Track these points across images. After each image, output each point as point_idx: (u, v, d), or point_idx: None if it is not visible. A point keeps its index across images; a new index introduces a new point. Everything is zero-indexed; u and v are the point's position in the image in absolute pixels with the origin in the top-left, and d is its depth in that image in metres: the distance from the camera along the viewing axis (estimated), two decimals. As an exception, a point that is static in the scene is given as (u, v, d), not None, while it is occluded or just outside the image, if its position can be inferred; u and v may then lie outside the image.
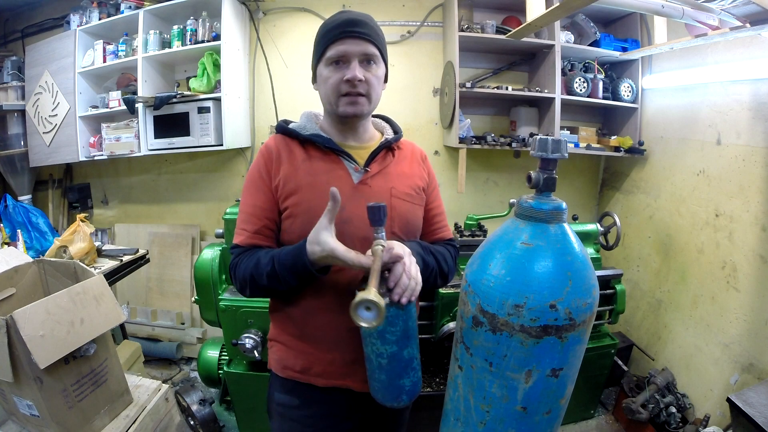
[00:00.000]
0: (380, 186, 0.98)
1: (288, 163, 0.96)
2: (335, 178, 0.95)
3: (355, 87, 0.92)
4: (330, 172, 0.96)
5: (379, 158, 1.01)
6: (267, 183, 0.96)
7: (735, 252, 1.81)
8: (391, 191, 0.99)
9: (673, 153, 2.23)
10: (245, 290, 0.95)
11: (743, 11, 1.37)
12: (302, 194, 0.93)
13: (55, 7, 2.78)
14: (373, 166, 0.99)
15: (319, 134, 0.97)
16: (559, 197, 0.75)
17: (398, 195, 1.00)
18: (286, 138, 1.01)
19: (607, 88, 2.43)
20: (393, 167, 1.03)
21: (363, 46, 0.92)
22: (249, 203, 0.97)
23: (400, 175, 1.03)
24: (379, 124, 1.13)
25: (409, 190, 1.02)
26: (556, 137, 0.72)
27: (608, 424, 2.17)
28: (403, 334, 0.80)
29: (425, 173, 1.10)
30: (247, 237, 0.95)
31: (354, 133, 1.02)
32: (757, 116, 1.73)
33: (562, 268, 0.70)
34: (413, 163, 1.08)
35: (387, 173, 1.01)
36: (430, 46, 2.67)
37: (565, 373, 0.73)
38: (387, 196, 0.98)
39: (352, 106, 0.93)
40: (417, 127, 2.74)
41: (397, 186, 1.00)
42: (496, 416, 0.75)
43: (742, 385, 1.70)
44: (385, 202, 0.93)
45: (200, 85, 2.37)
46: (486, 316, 0.72)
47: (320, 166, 0.96)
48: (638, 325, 2.43)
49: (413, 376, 0.85)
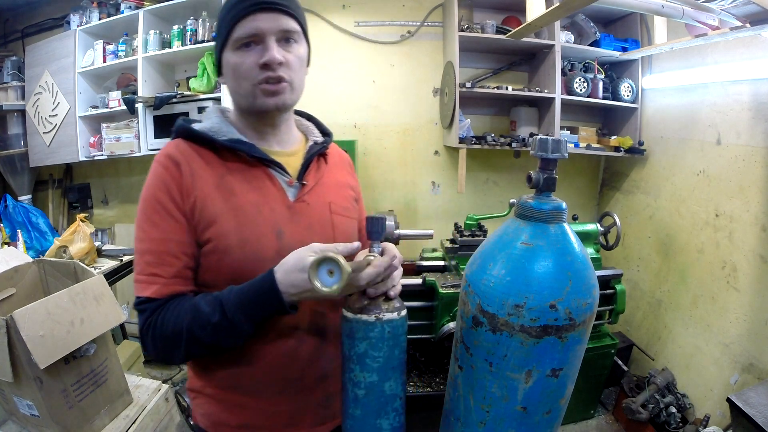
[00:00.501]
0: (319, 202, 0.83)
1: (203, 179, 0.74)
2: (268, 197, 0.77)
3: (275, 72, 0.73)
4: (260, 190, 0.77)
5: (313, 167, 0.85)
6: (178, 207, 0.72)
7: (735, 252, 1.81)
8: (330, 206, 0.84)
9: (673, 153, 2.23)
10: (175, 354, 0.72)
11: (743, 11, 1.37)
12: (228, 222, 0.73)
13: (55, 7, 2.78)
14: (309, 177, 0.83)
15: (241, 140, 0.77)
16: (559, 197, 0.75)
17: (338, 210, 0.85)
18: (193, 145, 0.77)
19: (607, 88, 2.43)
20: (327, 177, 0.87)
21: (280, 21, 0.73)
22: (155, 237, 0.72)
23: (336, 186, 0.89)
24: (302, 124, 0.94)
25: (346, 203, 0.89)
26: (556, 137, 0.72)
27: (608, 424, 2.17)
28: (386, 362, 0.68)
29: (355, 182, 0.97)
30: (164, 285, 0.71)
31: (276, 134, 0.83)
32: (757, 116, 1.73)
33: (562, 268, 0.70)
34: (343, 171, 0.94)
35: (323, 185, 0.85)
36: (430, 46, 2.67)
37: (565, 373, 0.73)
38: (326, 213, 0.83)
39: (273, 96, 0.74)
40: (417, 127, 2.74)
41: (335, 200, 0.86)
42: (496, 416, 0.75)
43: (742, 385, 1.70)
44: (325, 220, 0.82)
45: (200, 85, 2.37)
46: (486, 316, 0.72)
47: (246, 181, 0.77)
48: (638, 325, 2.43)
49: (394, 420, 0.71)
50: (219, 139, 0.76)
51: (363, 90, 2.69)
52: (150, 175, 0.76)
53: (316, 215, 0.81)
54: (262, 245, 0.74)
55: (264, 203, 0.76)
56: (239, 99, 0.78)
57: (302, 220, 0.79)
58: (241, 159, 0.78)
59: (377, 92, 2.69)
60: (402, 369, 0.72)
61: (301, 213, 0.79)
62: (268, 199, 0.77)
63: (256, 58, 0.72)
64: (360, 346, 0.67)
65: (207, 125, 0.79)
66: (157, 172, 0.75)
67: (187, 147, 0.77)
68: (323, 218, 0.82)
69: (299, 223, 0.79)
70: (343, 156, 0.98)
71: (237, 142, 0.77)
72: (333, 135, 0.94)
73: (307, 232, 0.78)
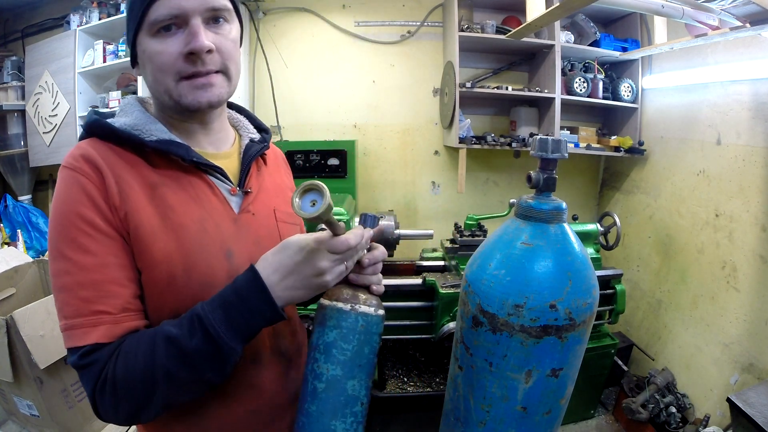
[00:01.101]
0: (264, 211, 0.73)
1: (134, 190, 0.60)
2: (211, 210, 0.66)
3: (205, 64, 0.60)
4: (201, 202, 0.65)
5: (254, 171, 0.74)
6: (109, 223, 0.57)
7: (735, 252, 1.81)
8: (275, 214, 0.75)
9: (673, 153, 2.23)
10: (150, 408, 0.55)
11: (743, 11, 1.37)
12: (169, 244, 0.60)
13: (55, 7, 2.78)
14: (251, 183, 0.72)
15: (174, 141, 0.64)
16: (559, 197, 0.75)
17: (283, 218, 0.76)
18: (113, 146, 0.62)
19: (607, 88, 2.43)
20: (269, 180, 0.78)
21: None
22: (90, 265, 0.55)
23: (277, 189, 0.79)
24: (233, 119, 0.81)
25: (289, 207, 0.73)
26: (556, 137, 0.72)
27: (608, 424, 2.17)
28: (353, 357, 0.63)
29: (291, 182, 0.87)
30: (114, 324, 0.56)
31: (208, 133, 0.70)
32: (757, 116, 1.73)
33: (562, 268, 0.70)
34: (281, 171, 0.85)
35: (266, 190, 0.76)
36: (430, 46, 2.67)
37: (565, 373, 0.73)
38: (272, 223, 0.74)
39: (204, 91, 0.61)
40: (417, 127, 2.74)
41: (279, 205, 0.77)
42: (496, 416, 0.75)
43: (742, 385, 1.70)
44: (272, 231, 0.73)
45: (200, 85, 2.37)
46: (486, 316, 0.72)
47: (184, 193, 0.64)
48: (638, 325, 2.43)
49: (351, 426, 0.64)
50: (148, 140, 0.62)
51: (363, 90, 2.69)
52: (62, 186, 0.58)
53: (262, 227, 0.72)
54: (213, 269, 0.63)
55: (208, 218, 0.65)
56: (161, 95, 0.63)
57: (249, 234, 0.69)
58: (174, 165, 0.64)
59: (377, 92, 2.69)
60: (369, 372, 0.66)
61: (247, 226, 0.69)
62: (212, 214, 0.66)
63: (179, 46, 0.58)
64: (330, 334, 0.63)
65: (128, 122, 0.64)
66: (73, 182, 0.57)
67: (106, 149, 0.61)
68: (270, 229, 0.73)
69: (246, 238, 0.68)
70: (278, 153, 0.88)
71: (170, 144, 0.63)
72: (271, 132, 0.84)
73: (255, 248, 0.67)
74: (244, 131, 0.79)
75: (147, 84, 0.64)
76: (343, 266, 0.61)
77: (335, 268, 0.59)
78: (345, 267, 0.61)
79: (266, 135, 0.81)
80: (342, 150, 2.40)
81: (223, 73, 0.63)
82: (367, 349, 0.66)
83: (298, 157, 2.39)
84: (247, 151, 0.74)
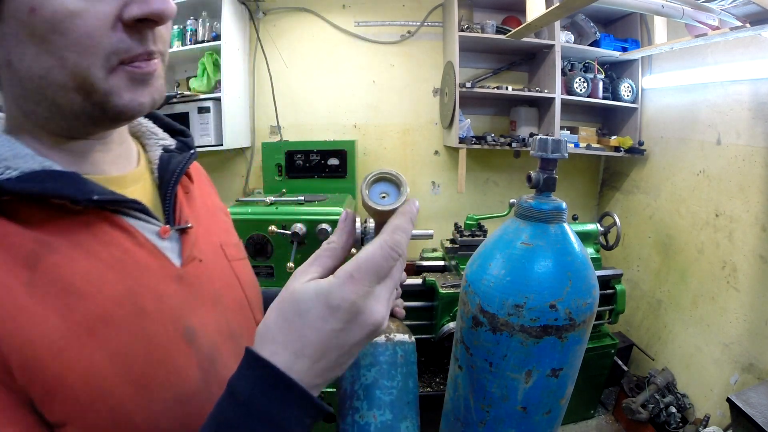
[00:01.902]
0: (211, 251, 0.53)
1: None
2: (139, 273, 0.42)
3: (155, 42, 0.40)
4: (117, 264, 0.41)
5: (181, 195, 0.51)
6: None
7: (735, 252, 1.81)
8: (224, 251, 0.55)
9: (673, 153, 2.23)
10: None
11: (743, 11, 1.37)
12: (86, 356, 0.36)
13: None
14: (185, 213, 0.50)
15: (52, 171, 0.38)
16: (559, 197, 0.75)
17: (233, 253, 0.57)
18: None
19: (607, 88, 2.43)
20: (202, 204, 0.57)
21: None
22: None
23: (212, 215, 0.59)
24: (134, 123, 0.55)
25: (232, 236, 0.62)
26: (556, 137, 0.72)
27: (608, 424, 2.17)
28: (401, 395, 0.53)
29: (219, 200, 0.68)
30: None
31: (108, 149, 0.46)
32: (757, 116, 1.73)
33: (562, 268, 0.70)
34: (208, 187, 0.66)
35: (203, 220, 0.54)
36: (430, 46, 2.67)
37: (565, 373, 0.73)
38: (225, 265, 0.54)
39: (147, 87, 0.40)
40: (417, 127, 2.74)
41: (223, 236, 0.58)
42: (496, 416, 0.75)
43: (742, 385, 1.70)
44: (227, 277, 0.54)
45: (200, 85, 2.37)
46: (486, 316, 0.72)
47: (86, 254, 0.39)
48: (638, 325, 2.42)
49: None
50: (3, 178, 0.35)
51: (363, 90, 2.68)
52: None
53: (216, 276, 0.51)
54: (175, 371, 0.41)
55: (139, 289, 0.41)
56: (52, 93, 0.37)
57: (204, 293, 0.48)
58: (60, 212, 0.38)
59: (377, 92, 2.69)
60: (416, 409, 0.56)
61: (198, 282, 0.48)
62: (144, 278, 0.42)
63: (115, 4, 0.35)
64: (368, 375, 0.51)
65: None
66: None
67: None
68: (226, 276, 0.53)
69: (203, 299, 0.47)
70: (196, 165, 0.64)
71: (45, 179, 0.36)
72: (191, 135, 0.59)
73: (218, 311, 0.49)
74: (150, 138, 0.54)
75: (13, 73, 0.36)
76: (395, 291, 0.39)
77: (389, 300, 0.37)
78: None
79: (187, 139, 0.57)
80: (342, 150, 2.40)
81: (162, 61, 0.42)
82: (411, 383, 0.56)
83: (298, 157, 2.40)
84: (164, 166, 0.50)
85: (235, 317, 0.52)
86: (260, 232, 1.71)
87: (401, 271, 0.40)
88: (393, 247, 0.36)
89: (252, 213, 1.75)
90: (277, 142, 2.60)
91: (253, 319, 0.56)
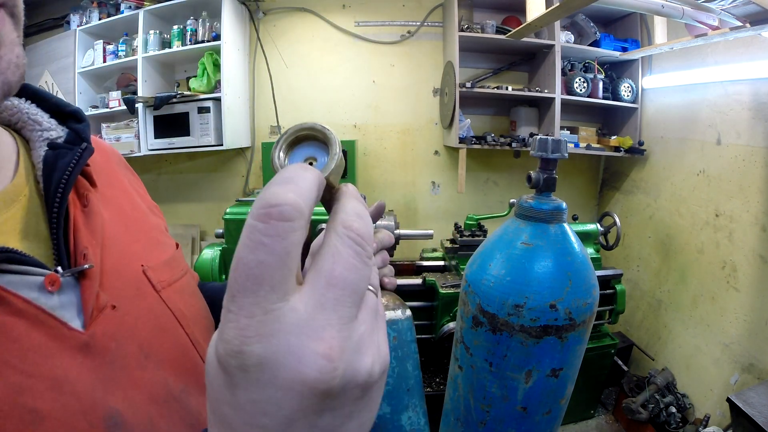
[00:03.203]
0: (130, 286, 0.39)
1: None
2: (22, 355, 0.29)
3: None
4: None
5: (76, 211, 0.37)
6: None
7: (735, 252, 1.81)
8: (147, 277, 0.41)
9: (673, 153, 2.23)
10: None
11: (743, 11, 1.37)
12: None
13: (55, 7, 2.78)
14: (83, 239, 0.36)
15: None
16: (559, 197, 0.75)
17: (164, 280, 0.42)
18: None
19: (607, 88, 2.43)
20: (109, 212, 0.42)
21: None
22: None
23: (131, 220, 0.45)
24: (4, 107, 0.39)
25: (162, 248, 0.46)
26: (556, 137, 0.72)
27: (608, 424, 2.17)
28: (398, 383, 0.46)
29: (143, 189, 0.55)
30: None
31: None
32: (757, 116, 1.73)
33: (562, 268, 0.70)
34: (118, 181, 0.49)
35: (107, 237, 0.39)
36: (430, 46, 2.67)
37: (565, 373, 0.73)
38: (153, 299, 0.40)
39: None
40: (417, 127, 2.74)
41: (147, 254, 0.43)
42: (496, 416, 0.75)
43: (742, 385, 1.70)
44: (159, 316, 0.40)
45: (200, 85, 2.37)
46: (486, 316, 0.72)
47: None
48: (638, 325, 2.42)
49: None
50: None
51: (363, 90, 2.69)
52: None
53: (141, 321, 0.38)
54: None
55: (27, 383, 0.28)
56: None
57: (124, 353, 0.35)
58: None
59: (377, 92, 2.69)
60: (420, 393, 0.48)
61: (114, 340, 0.35)
62: (30, 365, 0.29)
63: None
64: None
65: None
66: None
67: None
68: (153, 315, 0.39)
69: (124, 364, 0.35)
70: (107, 151, 0.50)
71: None
72: (86, 118, 0.42)
73: (150, 373, 0.36)
74: (33, 130, 0.38)
75: None
76: None
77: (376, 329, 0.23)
78: None
79: (79, 126, 0.40)
80: (342, 150, 2.40)
81: (9, 14, 0.29)
82: (410, 365, 0.47)
83: (298, 157, 2.40)
84: (49, 171, 0.36)
85: (175, 371, 0.38)
86: (260, 232, 1.71)
87: (385, 241, 0.33)
88: (357, 242, 0.21)
89: (252, 213, 1.75)
90: (277, 142, 2.60)
91: (201, 360, 0.42)
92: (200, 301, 0.49)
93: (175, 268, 0.46)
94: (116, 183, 0.47)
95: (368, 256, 0.21)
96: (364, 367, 0.19)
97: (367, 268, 0.21)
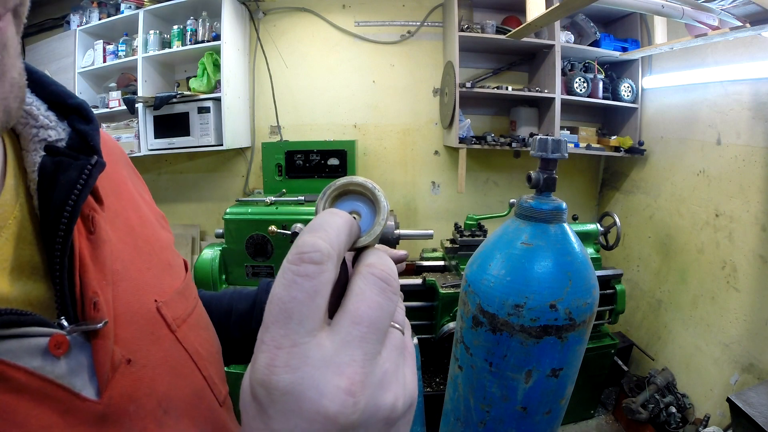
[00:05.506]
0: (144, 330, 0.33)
1: None
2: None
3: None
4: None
5: (82, 242, 0.30)
6: None
7: (735, 252, 1.81)
8: (162, 315, 0.35)
9: (673, 153, 2.23)
10: None
11: (743, 11, 1.37)
12: None
13: (55, 7, 2.78)
14: (92, 283, 0.29)
15: None
16: (559, 197, 0.75)
17: (179, 315, 0.38)
18: None
19: (607, 88, 2.43)
20: (120, 230, 0.36)
21: None
22: None
23: (142, 241, 0.38)
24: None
25: (174, 270, 0.42)
26: (556, 137, 0.72)
27: (608, 424, 2.17)
28: None
29: (149, 197, 0.50)
30: None
31: None
32: (757, 116, 1.73)
33: (562, 268, 0.70)
34: (127, 182, 0.43)
35: (117, 267, 0.33)
36: (430, 46, 2.67)
37: (565, 373, 0.73)
38: (169, 345, 0.35)
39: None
40: (417, 127, 2.74)
41: (159, 282, 0.38)
42: (496, 416, 0.75)
43: (742, 385, 1.70)
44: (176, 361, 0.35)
45: (200, 85, 2.37)
46: (486, 316, 0.72)
47: None
48: (638, 325, 2.42)
49: None
50: None
51: (363, 90, 2.69)
52: None
53: (158, 371, 0.33)
54: None
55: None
56: None
57: (142, 413, 0.31)
58: None
59: (377, 92, 2.69)
60: (421, 419, 0.44)
61: (131, 401, 0.30)
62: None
63: None
64: None
65: None
66: None
67: None
68: (170, 360, 0.35)
69: (141, 425, 0.30)
70: (112, 147, 0.43)
71: None
72: (92, 113, 0.34)
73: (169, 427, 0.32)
74: (23, 124, 0.30)
75: None
76: None
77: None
78: None
79: (86, 128, 0.32)
80: (342, 150, 2.40)
81: (14, 15, 0.24)
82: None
83: (298, 157, 2.40)
84: (48, 186, 0.29)
85: (193, 421, 0.35)
86: (260, 232, 1.71)
87: None
88: (381, 278, 0.22)
89: (252, 213, 1.75)
90: (277, 142, 2.60)
91: (216, 402, 0.39)
92: (211, 332, 0.45)
93: (189, 298, 0.42)
94: (124, 192, 0.39)
95: (394, 292, 0.23)
96: (387, 403, 0.21)
97: (392, 304, 0.22)
